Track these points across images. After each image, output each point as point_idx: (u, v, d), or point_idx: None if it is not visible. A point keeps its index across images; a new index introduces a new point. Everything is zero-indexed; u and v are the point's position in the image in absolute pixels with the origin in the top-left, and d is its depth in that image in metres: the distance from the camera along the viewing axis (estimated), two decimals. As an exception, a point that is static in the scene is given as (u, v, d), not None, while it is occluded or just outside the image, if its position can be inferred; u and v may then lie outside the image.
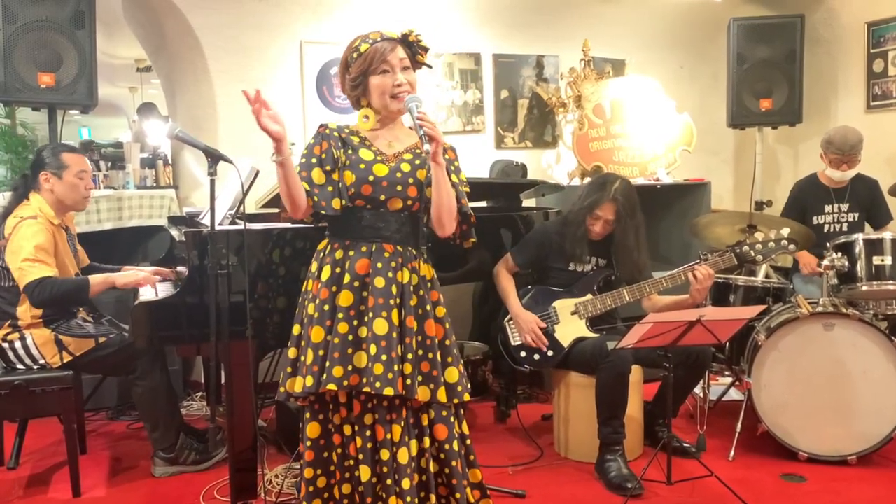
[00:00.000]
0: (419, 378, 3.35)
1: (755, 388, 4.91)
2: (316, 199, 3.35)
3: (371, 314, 3.30)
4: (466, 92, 7.56)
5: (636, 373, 4.91)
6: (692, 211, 7.32)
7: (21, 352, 4.67)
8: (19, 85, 5.53)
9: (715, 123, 8.15)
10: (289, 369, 3.48)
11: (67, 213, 5.04)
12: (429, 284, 3.48)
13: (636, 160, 7.33)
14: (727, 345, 5.28)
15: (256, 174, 5.06)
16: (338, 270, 3.38)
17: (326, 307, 3.35)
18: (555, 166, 7.83)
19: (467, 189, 3.52)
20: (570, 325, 4.99)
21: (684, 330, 4.12)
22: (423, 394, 3.34)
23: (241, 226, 4.47)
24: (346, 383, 3.27)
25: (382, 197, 3.37)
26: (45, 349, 4.68)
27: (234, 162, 3.99)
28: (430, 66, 3.57)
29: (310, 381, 3.30)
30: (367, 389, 3.23)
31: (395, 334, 3.29)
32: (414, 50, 3.44)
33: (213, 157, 3.95)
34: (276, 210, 5.56)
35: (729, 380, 6.05)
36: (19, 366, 4.68)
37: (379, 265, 3.34)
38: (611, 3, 7.92)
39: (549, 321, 5.02)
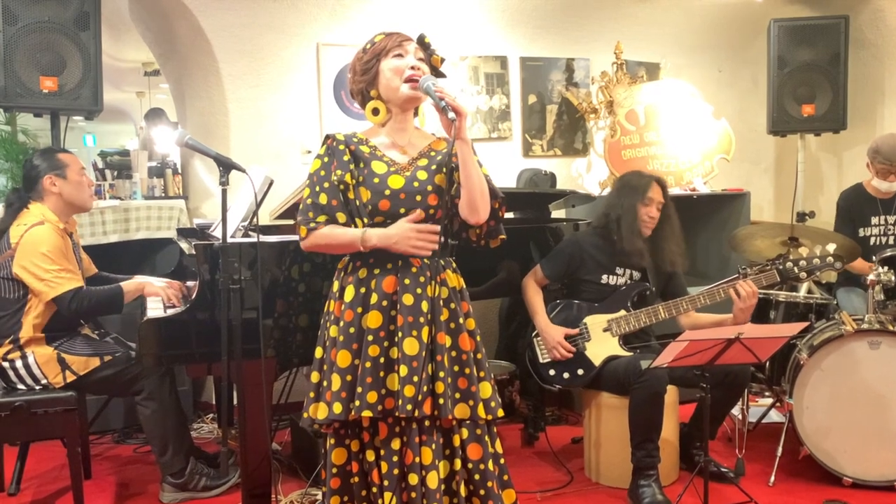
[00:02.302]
0: (457, 395, 3.34)
1: (797, 410, 4.90)
2: (325, 218, 3.40)
3: (401, 334, 3.29)
4: (492, 97, 7.58)
5: (671, 393, 4.91)
6: (730, 223, 7.32)
7: (22, 371, 4.65)
8: (20, 89, 5.47)
9: (754, 130, 8.16)
10: (311, 394, 3.48)
11: (72, 217, 5.06)
12: (459, 295, 3.48)
13: (671, 169, 7.34)
14: (767, 364, 5.29)
15: (270, 184, 5.07)
16: (363, 290, 3.37)
17: (352, 330, 3.35)
18: (585, 175, 7.85)
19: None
20: (602, 343, 5.01)
21: (722, 348, 4.13)
22: (461, 411, 3.33)
23: (254, 238, 4.46)
24: (380, 408, 3.28)
25: (402, 210, 3.35)
26: (48, 368, 4.66)
27: (247, 171, 4.02)
28: (443, 76, 3.52)
29: (338, 407, 3.30)
30: (397, 413, 3.24)
31: (424, 353, 3.28)
32: (430, 52, 3.46)
33: (225, 166, 3.97)
34: (291, 222, 5.57)
35: (769, 401, 6.05)
36: (20, 386, 4.67)
37: (406, 281, 3.33)
38: (645, 3, 7.91)
39: (580, 338, 5.03)
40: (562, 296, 5.31)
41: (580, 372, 4.99)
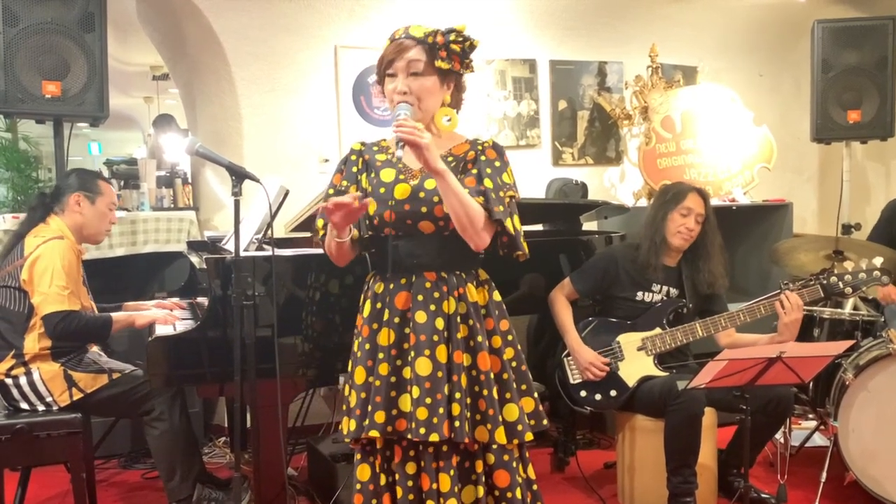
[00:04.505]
0: (476, 417, 3.34)
1: (842, 433, 4.89)
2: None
3: (413, 353, 3.30)
4: (520, 102, 7.60)
5: (710, 416, 4.89)
6: (772, 235, 7.31)
7: (26, 388, 4.64)
8: (21, 95, 5.42)
9: (797, 138, 8.16)
10: (343, 407, 3.53)
11: (82, 244, 5.09)
12: (482, 311, 3.46)
13: (709, 178, 7.34)
14: (811, 384, 5.27)
15: (286, 194, 5.07)
16: (378, 306, 3.41)
17: (368, 346, 3.40)
18: (618, 185, 7.86)
19: (513, 194, 3.42)
20: (636, 362, 5.01)
21: (763, 368, 4.13)
22: (480, 434, 3.33)
23: (268, 252, 4.46)
24: (389, 429, 3.30)
25: (409, 221, 3.36)
26: (53, 385, 4.66)
27: (261, 180, 4.04)
28: (461, 74, 3.52)
29: (352, 425, 3.36)
30: (409, 437, 3.25)
31: (440, 373, 3.28)
32: (434, 53, 3.39)
33: (238, 176, 3.99)
34: (307, 234, 5.58)
35: (813, 423, 6.02)
36: (23, 404, 4.68)
37: (420, 297, 3.35)
38: (681, 4, 7.93)
39: (613, 357, 5.03)
40: (593, 313, 5.30)
41: (613, 393, 5.00)
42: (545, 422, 3.55)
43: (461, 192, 3.21)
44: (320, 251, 4.58)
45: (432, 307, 3.33)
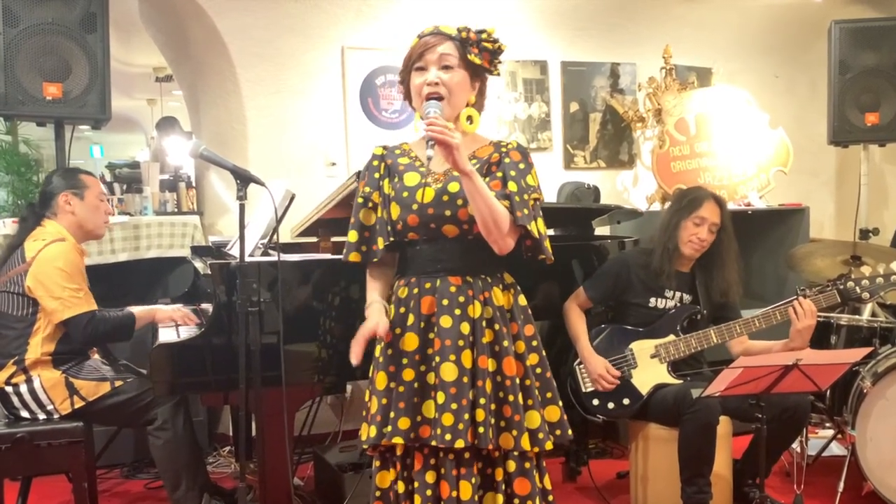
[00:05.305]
0: (501, 423, 3.35)
1: (860, 442, 4.89)
2: (364, 248, 3.51)
3: (438, 358, 3.32)
4: (531, 105, 7.61)
5: (724, 424, 4.87)
6: (788, 240, 7.31)
7: (27, 396, 4.65)
8: (22, 96, 5.39)
9: (814, 140, 8.14)
10: (363, 413, 3.54)
11: (83, 242, 5.08)
12: (508, 315, 3.48)
13: (724, 182, 7.34)
14: (828, 392, 5.26)
15: (292, 198, 5.08)
16: (402, 311, 3.43)
17: (390, 351, 3.41)
18: (631, 189, 7.86)
19: (537, 196, 3.46)
20: (650, 370, 5.00)
21: (779, 375, 4.12)
22: (505, 441, 3.34)
23: (274, 257, 4.45)
24: (413, 435, 3.31)
25: (433, 225, 3.38)
26: (54, 393, 4.67)
27: (267, 184, 4.04)
28: (491, 72, 3.56)
29: (373, 431, 3.37)
30: (434, 443, 3.26)
31: (465, 378, 3.29)
32: (467, 48, 3.44)
33: (243, 179, 3.98)
34: (314, 239, 5.59)
35: (830, 432, 6.02)
36: (24, 412, 4.68)
37: (445, 302, 3.36)
38: (695, 4, 7.93)
39: (626, 365, 5.03)
40: (606, 320, 5.31)
41: (626, 401, 4.99)
42: (570, 432, 3.57)
43: (488, 195, 3.23)
44: (327, 256, 4.61)
45: (458, 311, 3.35)
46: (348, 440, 5.84)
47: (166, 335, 4.70)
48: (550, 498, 3.53)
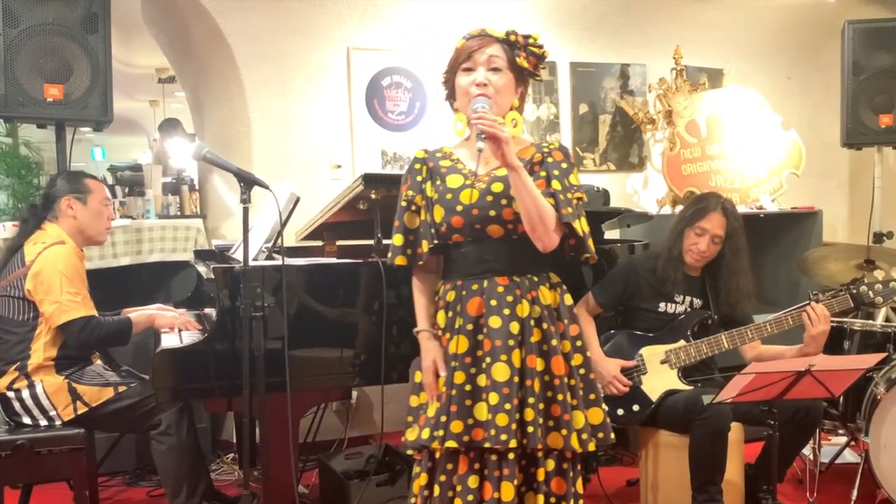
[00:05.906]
0: (550, 423, 3.38)
1: (873, 449, 4.88)
2: (409, 251, 3.56)
3: (489, 359, 3.34)
4: (539, 106, 7.60)
5: (736, 431, 4.84)
6: (800, 244, 7.31)
7: (29, 402, 4.64)
8: (22, 98, 5.35)
9: (827, 143, 8.13)
10: (409, 418, 3.57)
11: (83, 247, 5.07)
12: (555, 314, 3.51)
13: (736, 185, 7.33)
14: (841, 399, 5.25)
15: (296, 202, 5.08)
16: (450, 314, 3.47)
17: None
18: (641, 192, 7.85)
19: (580, 195, 3.49)
20: (660, 376, 4.99)
21: (792, 382, 4.11)
22: (553, 441, 3.38)
23: (278, 261, 4.46)
24: (466, 438, 3.32)
25: (478, 226, 3.43)
26: (57, 398, 4.65)
27: (271, 187, 4.04)
28: (535, 77, 3.62)
29: (426, 433, 3.38)
30: (488, 445, 3.28)
31: (516, 378, 3.32)
32: (514, 52, 3.49)
33: (247, 182, 3.99)
34: (318, 243, 5.58)
35: (843, 439, 6.00)
36: (25, 418, 4.67)
37: (493, 303, 3.39)
38: (706, 4, 7.92)
39: (636, 371, 5.01)
40: (616, 325, 5.29)
41: (636, 408, 4.98)
42: (612, 436, 3.61)
43: (534, 190, 3.29)
44: (332, 260, 4.60)
45: (506, 311, 3.39)
46: (354, 447, 5.83)
47: (169, 340, 4.69)
48: (581, 502, 3.55)
